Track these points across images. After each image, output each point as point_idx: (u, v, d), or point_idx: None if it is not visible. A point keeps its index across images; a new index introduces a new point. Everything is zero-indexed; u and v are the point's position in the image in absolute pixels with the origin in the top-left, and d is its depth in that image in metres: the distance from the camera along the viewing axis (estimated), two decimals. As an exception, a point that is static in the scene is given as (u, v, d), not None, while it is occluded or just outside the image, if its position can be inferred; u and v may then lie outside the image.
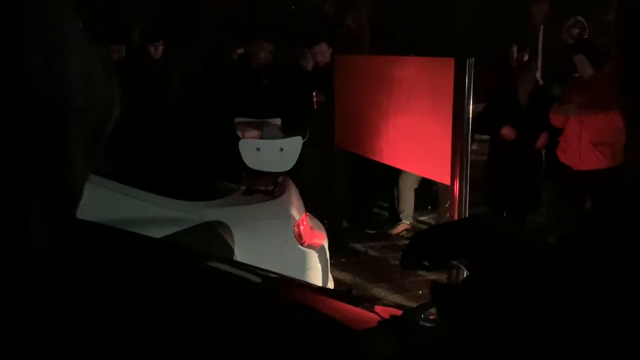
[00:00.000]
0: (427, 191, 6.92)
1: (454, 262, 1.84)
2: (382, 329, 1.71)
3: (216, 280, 1.91)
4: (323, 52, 6.41)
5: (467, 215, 4.21)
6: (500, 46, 8.55)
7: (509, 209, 6.05)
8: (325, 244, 4.23)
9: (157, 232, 3.22)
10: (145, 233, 2.21)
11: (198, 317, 1.55)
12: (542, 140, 5.97)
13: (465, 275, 1.72)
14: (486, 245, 1.70)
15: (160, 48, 6.23)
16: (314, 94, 6.06)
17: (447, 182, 4.21)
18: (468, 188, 4.20)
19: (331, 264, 4.52)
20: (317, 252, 4.00)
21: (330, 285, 4.25)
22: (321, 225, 4.54)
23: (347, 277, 5.43)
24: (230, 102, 6.11)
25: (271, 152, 4.23)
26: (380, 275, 5.56)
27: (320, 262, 4.00)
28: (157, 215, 3.49)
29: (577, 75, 5.78)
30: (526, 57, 7.99)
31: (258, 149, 4.23)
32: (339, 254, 6.04)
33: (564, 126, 5.63)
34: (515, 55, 8.12)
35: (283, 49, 7.18)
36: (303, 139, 4.39)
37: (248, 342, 1.50)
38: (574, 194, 5.62)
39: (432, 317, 1.80)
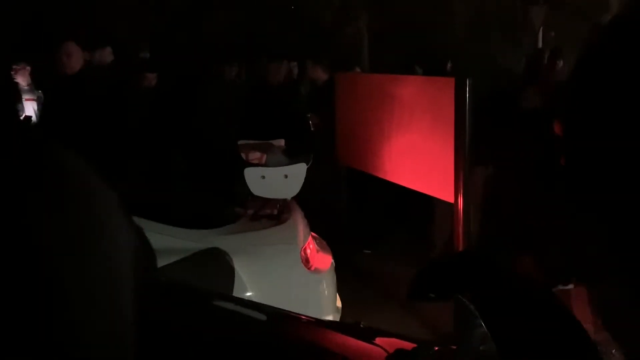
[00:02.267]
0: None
1: (459, 295, 1.86)
2: (390, 365, 1.72)
3: (220, 320, 1.92)
4: (318, 73, 6.41)
5: (470, 232, 4.23)
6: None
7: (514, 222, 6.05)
8: (332, 266, 4.24)
9: (159, 262, 3.20)
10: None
11: (202, 357, 1.57)
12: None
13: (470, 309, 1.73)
14: (490, 280, 1.71)
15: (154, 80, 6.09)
16: (309, 116, 6.07)
17: (451, 199, 4.23)
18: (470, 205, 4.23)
19: (338, 284, 4.52)
20: (324, 275, 4.01)
21: (339, 308, 4.25)
22: (327, 246, 4.54)
23: (355, 297, 5.42)
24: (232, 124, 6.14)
25: (276, 179, 4.26)
26: (388, 296, 5.56)
27: (328, 286, 4.01)
28: (160, 245, 3.49)
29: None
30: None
31: (263, 177, 4.26)
32: (347, 274, 6.04)
33: None
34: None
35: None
36: (307, 164, 4.42)
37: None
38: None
39: (441, 351, 1.81)
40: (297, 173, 4.31)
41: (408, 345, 1.81)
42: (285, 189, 4.28)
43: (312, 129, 6.11)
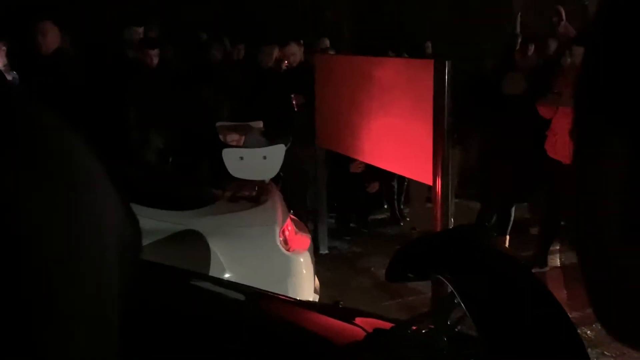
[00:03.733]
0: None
1: (437, 276, 1.87)
2: (367, 344, 1.73)
3: (200, 299, 1.92)
4: (294, 53, 6.44)
5: (451, 214, 4.25)
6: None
7: (498, 201, 6.10)
8: (311, 247, 4.25)
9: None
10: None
11: (182, 336, 1.56)
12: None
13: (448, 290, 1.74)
14: (467, 261, 1.72)
15: (155, 57, 5.96)
16: (292, 97, 6.06)
17: (430, 182, 4.24)
18: (450, 187, 4.25)
19: (317, 264, 4.54)
20: (302, 256, 4.01)
21: (317, 288, 4.27)
22: (305, 227, 4.55)
23: (332, 277, 5.45)
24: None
25: (254, 160, 4.24)
26: (367, 277, 5.59)
27: (306, 267, 4.02)
28: (143, 226, 3.47)
29: (565, 65, 5.73)
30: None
31: (241, 158, 4.24)
32: (325, 253, 6.08)
33: (553, 117, 5.49)
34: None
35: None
36: (285, 146, 4.40)
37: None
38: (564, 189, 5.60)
39: (418, 331, 1.82)
40: (276, 154, 4.30)
41: (386, 325, 1.82)
42: (264, 171, 4.27)
43: (295, 109, 6.11)
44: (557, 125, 5.46)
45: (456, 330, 1.73)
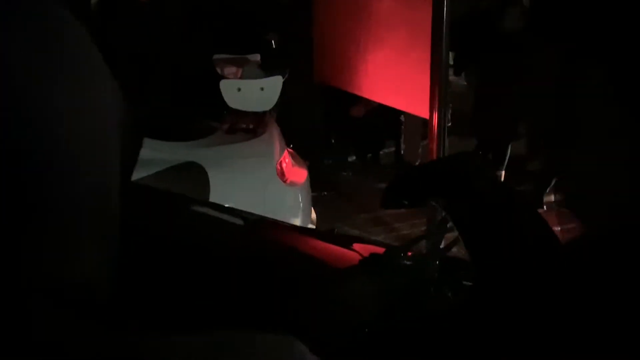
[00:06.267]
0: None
1: (432, 202, 1.91)
2: (363, 267, 1.78)
3: (198, 224, 1.96)
4: None
5: (445, 148, 4.27)
6: None
7: (493, 137, 6.13)
8: (308, 181, 4.28)
9: (134, 174, 3.19)
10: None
11: (182, 260, 1.60)
12: None
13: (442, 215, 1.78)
14: (462, 186, 1.75)
15: None
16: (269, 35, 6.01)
17: (426, 115, 4.25)
18: (446, 121, 4.26)
19: (314, 199, 4.59)
20: (299, 189, 4.06)
21: (314, 221, 4.33)
22: (303, 161, 4.58)
23: (330, 211, 5.51)
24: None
25: (252, 91, 4.24)
26: (363, 210, 5.65)
27: (303, 199, 4.06)
28: (142, 156, 3.47)
29: None
30: None
31: (239, 89, 4.23)
32: (322, 188, 6.12)
33: None
34: None
35: None
36: (283, 77, 4.39)
37: (231, 284, 1.55)
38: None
39: (412, 256, 1.87)
40: (274, 85, 4.29)
41: (381, 250, 1.86)
42: (262, 102, 4.27)
43: (273, 46, 6.04)
44: None
45: (447, 254, 1.77)
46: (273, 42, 6.08)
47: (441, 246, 1.74)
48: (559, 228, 5.10)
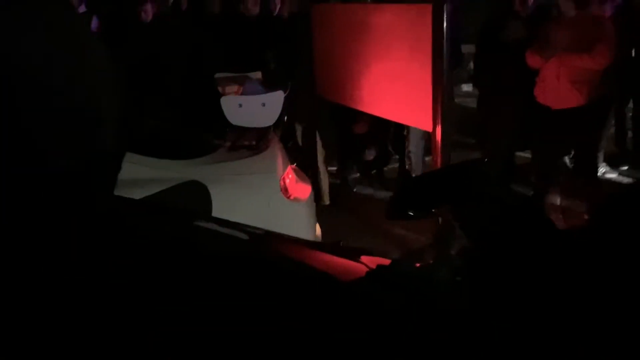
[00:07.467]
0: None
1: (439, 211, 1.88)
2: (369, 279, 1.75)
3: (202, 238, 1.93)
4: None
5: (449, 162, 4.25)
6: None
7: (499, 148, 6.14)
8: (312, 196, 4.27)
9: (137, 193, 3.18)
10: (124, 194, 2.22)
11: (186, 275, 1.58)
12: None
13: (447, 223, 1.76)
14: (469, 193, 1.73)
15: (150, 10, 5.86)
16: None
17: (429, 128, 4.23)
18: (449, 134, 4.24)
19: (318, 213, 4.57)
20: (303, 205, 4.04)
21: (318, 237, 4.30)
22: (306, 177, 4.57)
23: (334, 226, 5.48)
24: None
25: (253, 107, 4.24)
26: (368, 225, 5.63)
27: (307, 215, 4.04)
28: (137, 175, 3.46)
29: (556, 14, 5.71)
30: None
31: (240, 105, 4.24)
32: (326, 204, 6.11)
33: (541, 66, 5.57)
34: None
35: None
36: (284, 92, 4.39)
37: (236, 298, 1.53)
38: (554, 134, 5.66)
39: (418, 266, 1.85)
40: (275, 101, 4.29)
41: (388, 262, 1.84)
42: (263, 118, 4.27)
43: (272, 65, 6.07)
44: (546, 72, 5.53)
45: (457, 264, 1.75)
46: (273, 58, 6.10)
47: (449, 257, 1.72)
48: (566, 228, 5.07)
